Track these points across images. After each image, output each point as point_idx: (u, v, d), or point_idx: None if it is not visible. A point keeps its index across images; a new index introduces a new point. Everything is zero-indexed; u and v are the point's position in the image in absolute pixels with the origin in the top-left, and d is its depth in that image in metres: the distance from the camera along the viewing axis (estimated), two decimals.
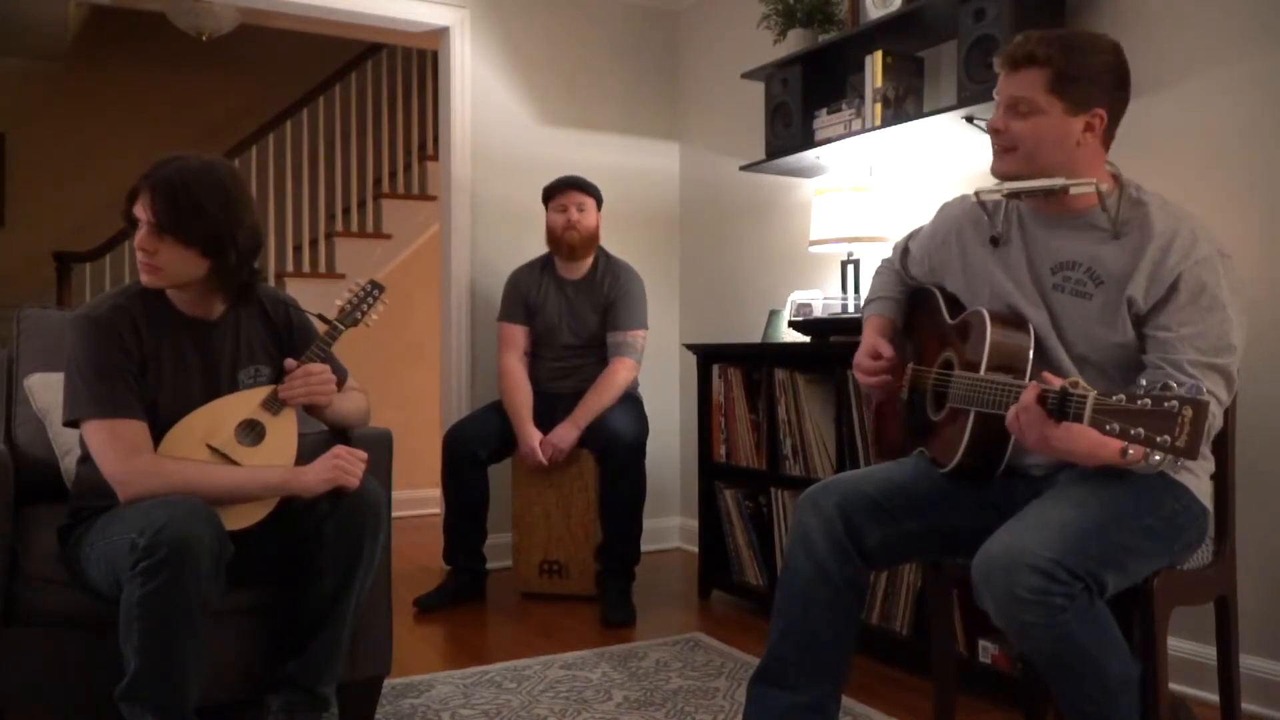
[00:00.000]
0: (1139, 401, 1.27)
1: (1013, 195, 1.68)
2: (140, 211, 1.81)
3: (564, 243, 3.31)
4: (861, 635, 1.76)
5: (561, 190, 3.34)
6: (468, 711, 2.26)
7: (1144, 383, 1.30)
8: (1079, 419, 1.36)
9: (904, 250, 2.01)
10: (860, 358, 1.92)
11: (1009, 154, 1.65)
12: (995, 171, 1.69)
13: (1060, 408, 1.39)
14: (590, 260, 3.38)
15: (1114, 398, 1.30)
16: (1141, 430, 1.26)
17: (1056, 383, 1.42)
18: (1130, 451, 1.29)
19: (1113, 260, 1.61)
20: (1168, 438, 1.24)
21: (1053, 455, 1.52)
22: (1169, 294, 1.55)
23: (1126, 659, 1.48)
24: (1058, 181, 1.61)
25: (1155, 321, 1.57)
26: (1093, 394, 1.34)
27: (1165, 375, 1.53)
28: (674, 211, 4.30)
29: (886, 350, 1.88)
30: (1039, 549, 1.41)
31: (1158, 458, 1.28)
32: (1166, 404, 1.24)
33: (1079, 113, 1.61)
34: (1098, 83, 1.61)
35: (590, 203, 3.33)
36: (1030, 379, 1.59)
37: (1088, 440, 1.41)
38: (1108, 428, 1.30)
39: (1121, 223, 1.61)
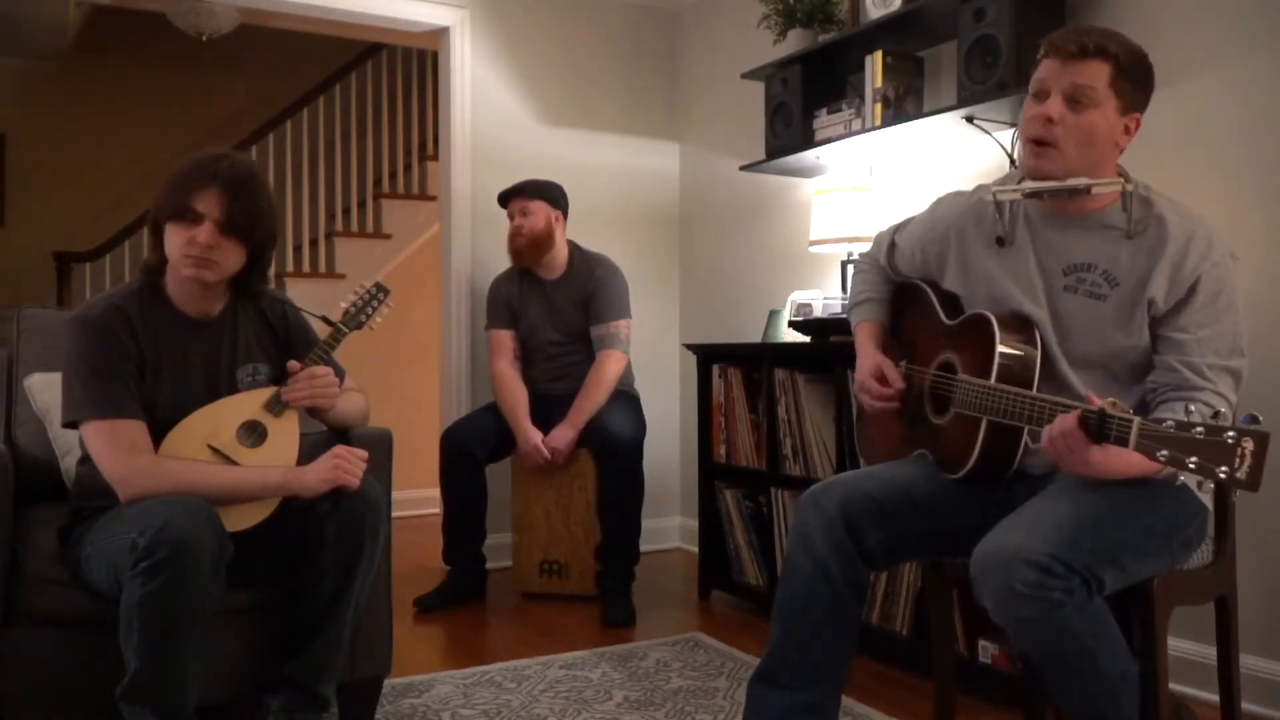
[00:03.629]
0: (1194, 431, 1.25)
1: (1033, 195, 1.63)
2: (206, 207, 1.80)
3: (511, 249, 3.35)
4: (861, 635, 1.75)
5: (507, 199, 3.37)
6: (468, 711, 2.26)
7: (1191, 409, 1.29)
8: (1121, 442, 1.34)
9: (890, 245, 1.97)
10: (866, 379, 1.87)
11: (1052, 151, 1.58)
12: (1030, 168, 1.62)
13: (1099, 430, 1.37)
14: (565, 258, 3.38)
15: (1163, 424, 1.28)
16: (1196, 459, 1.24)
17: (1094, 402, 1.40)
18: (1181, 478, 1.27)
19: (1129, 261, 1.60)
20: (1227, 468, 1.22)
21: (1088, 475, 1.48)
22: (1188, 296, 1.55)
23: (1125, 657, 1.48)
24: (1081, 181, 1.57)
25: (1173, 323, 1.56)
26: (1136, 419, 1.32)
27: (1182, 378, 1.53)
28: (674, 211, 4.30)
29: (896, 381, 1.84)
30: (1036, 544, 1.41)
31: (1210, 484, 1.25)
32: (1226, 436, 1.22)
33: (1125, 114, 1.59)
34: (1143, 87, 1.60)
35: (535, 205, 3.31)
36: (1037, 387, 1.58)
37: (1126, 461, 1.40)
38: (1159, 455, 1.28)
39: (1135, 222, 1.60)
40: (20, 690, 1.82)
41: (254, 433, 1.90)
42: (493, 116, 3.88)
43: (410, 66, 5.81)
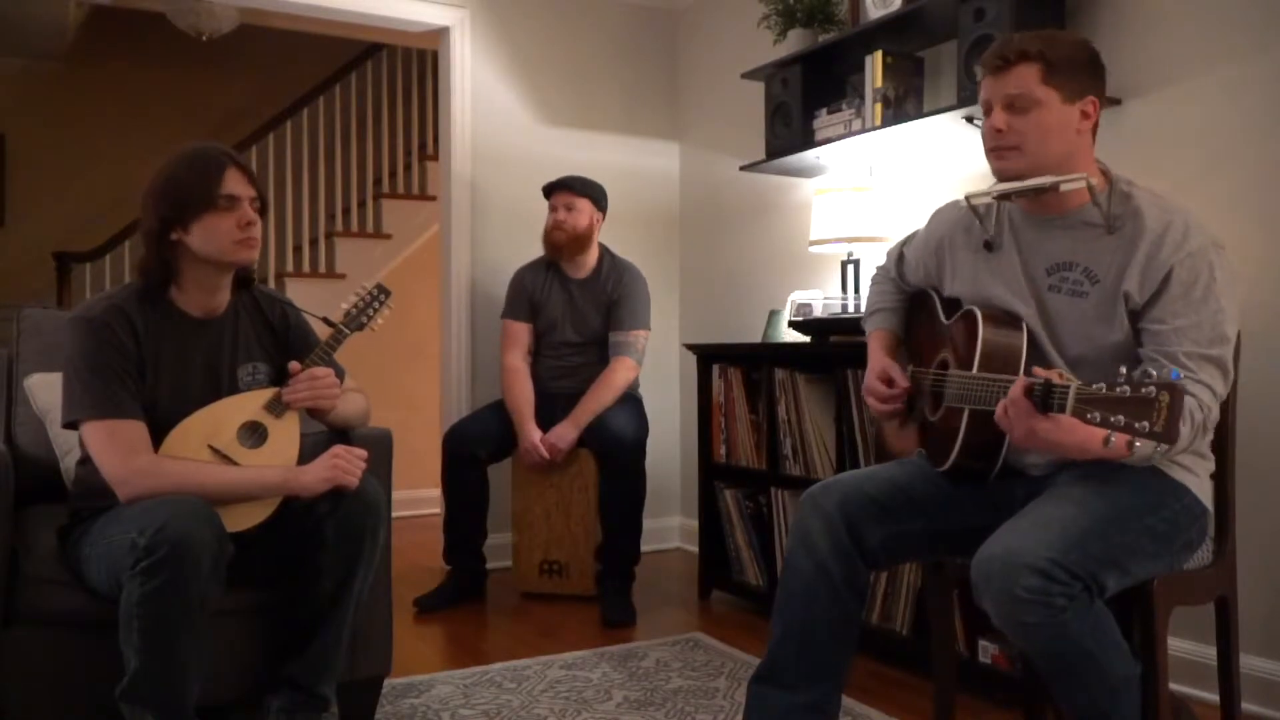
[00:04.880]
0: (1118, 389, 1.28)
1: (1003, 197, 1.67)
2: (240, 189, 1.87)
3: (549, 241, 3.34)
4: (861, 635, 1.76)
5: (553, 190, 3.37)
6: (468, 711, 2.26)
7: (1123, 370, 1.30)
8: (1062, 409, 1.35)
9: (899, 257, 2.01)
10: (872, 381, 1.89)
11: (1012, 153, 1.63)
12: (998, 172, 1.66)
13: (1045, 399, 1.39)
14: (594, 259, 3.38)
15: (1094, 386, 1.31)
16: (1121, 417, 1.26)
17: (1046, 374, 1.42)
18: (1112, 440, 1.28)
19: (1108, 256, 1.61)
20: (1146, 423, 1.24)
21: (1043, 449, 1.51)
22: (1162, 287, 1.56)
23: (1127, 659, 1.48)
24: (1047, 180, 1.60)
25: (1149, 315, 1.57)
26: (1075, 384, 1.34)
27: (1158, 368, 1.53)
28: (674, 211, 4.30)
29: (901, 380, 1.86)
30: (1039, 549, 1.41)
31: (1139, 444, 1.27)
32: (1144, 390, 1.25)
33: (1074, 101, 1.62)
34: (1085, 70, 1.64)
35: (581, 203, 3.32)
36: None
37: (1077, 433, 1.40)
38: (1089, 416, 1.30)
39: (1114, 217, 1.61)
40: (20, 690, 1.82)
41: (254, 433, 1.90)
42: (493, 116, 3.88)
43: (410, 66, 5.81)
